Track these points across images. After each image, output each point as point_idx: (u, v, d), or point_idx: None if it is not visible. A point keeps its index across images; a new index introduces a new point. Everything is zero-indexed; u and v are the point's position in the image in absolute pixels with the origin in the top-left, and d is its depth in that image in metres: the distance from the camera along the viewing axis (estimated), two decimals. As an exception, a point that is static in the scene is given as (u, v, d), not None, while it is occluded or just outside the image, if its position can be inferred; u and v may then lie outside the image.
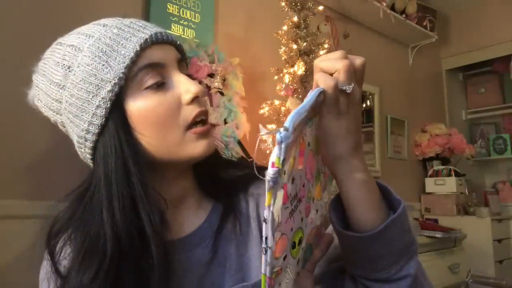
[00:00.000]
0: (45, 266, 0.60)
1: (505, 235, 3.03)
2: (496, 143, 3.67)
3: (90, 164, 0.59)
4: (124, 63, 0.54)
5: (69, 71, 0.56)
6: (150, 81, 0.56)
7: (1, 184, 1.31)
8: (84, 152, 0.59)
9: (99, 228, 0.54)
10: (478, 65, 3.73)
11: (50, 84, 0.58)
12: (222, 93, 1.78)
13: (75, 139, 0.59)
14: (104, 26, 0.57)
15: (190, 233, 0.62)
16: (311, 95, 0.43)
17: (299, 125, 0.39)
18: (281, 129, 0.35)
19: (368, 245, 0.49)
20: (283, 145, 0.35)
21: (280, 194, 0.38)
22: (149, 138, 0.56)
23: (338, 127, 0.48)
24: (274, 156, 0.36)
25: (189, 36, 1.92)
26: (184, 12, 1.92)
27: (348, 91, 0.46)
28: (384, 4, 2.78)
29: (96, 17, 0.63)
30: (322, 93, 0.45)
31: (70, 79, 0.56)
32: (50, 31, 0.72)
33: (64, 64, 0.56)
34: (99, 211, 0.54)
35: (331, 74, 0.47)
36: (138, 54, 0.55)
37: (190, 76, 0.61)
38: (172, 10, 1.87)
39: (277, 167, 0.36)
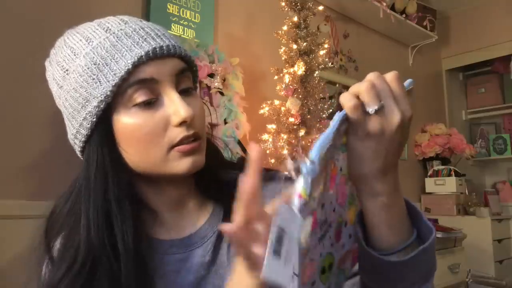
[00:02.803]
0: (43, 269, 0.60)
1: (505, 235, 3.03)
2: (496, 143, 3.67)
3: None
4: (114, 81, 0.53)
5: (67, 74, 0.56)
6: (139, 99, 0.54)
7: (1, 184, 1.31)
8: (75, 150, 0.60)
9: (75, 233, 0.55)
10: (478, 65, 3.73)
11: (53, 79, 0.59)
12: (222, 93, 1.78)
13: (68, 136, 0.61)
14: (106, 30, 0.56)
15: (190, 233, 0.62)
16: (334, 121, 0.42)
17: (326, 153, 0.38)
18: (308, 162, 0.35)
19: (394, 269, 0.48)
20: (309, 179, 0.34)
21: (309, 220, 0.37)
22: (131, 155, 0.56)
23: (363, 148, 0.45)
24: (300, 187, 0.35)
25: (189, 36, 1.92)
26: (184, 12, 1.92)
27: (371, 112, 0.43)
28: (384, 4, 2.78)
29: (95, 17, 0.63)
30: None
31: (67, 82, 0.56)
32: (50, 31, 0.73)
33: (63, 66, 0.57)
34: (79, 216, 0.55)
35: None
36: (130, 72, 0.53)
37: (189, 90, 0.59)
38: (172, 10, 1.87)
39: (304, 199, 0.35)
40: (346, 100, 0.44)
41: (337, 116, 0.43)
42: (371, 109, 0.43)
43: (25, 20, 1.43)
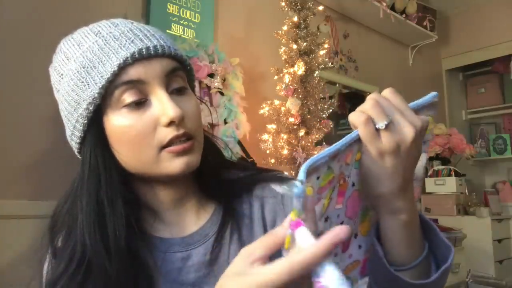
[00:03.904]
0: (46, 267, 0.61)
1: (505, 235, 3.03)
2: (496, 143, 3.67)
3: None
4: (101, 83, 0.54)
5: (61, 78, 0.57)
6: (128, 100, 0.55)
7: (1, 184, 1.31)
8: (74, 150, 0.61)
9: (73, 233, 0.56)
10: (478, 65, 3.74)
11: (53, 83, 0.61)
12: (222, 93, 1.78)
13: (66, 137, 0.62)
14: (96, 34, 0.57)
15: (192, 232, 0.62)
16: (344, 139, 0.42)
17: (322, 169, 0.39)
18: (297, 183, 0.35)
19: None
20: (301, 200, 0.35)
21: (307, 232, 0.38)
22: (124, 156, 0.57)
23: (381, 167, 0.44)
24: (292, 209, 0.36)
25: (189, 36, 1.92)
26: (184, 12, 1.92)
27: (381, 127, 0.43)
28: (384, 4, 2.78)
29: (95, 17, 0.63)
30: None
31: (62, 86, 0.58)
32: (51, 31, 0.73)
33: (58, 71, 0.58)
34: (76, 216, 0.56)
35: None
36: (116, 74, 0.54)
37: (182, 90, 0.59)
38: (172, 10, 1.88)
39: (294, 221, 0.36)
40: (356, 116, 0.44)
41: (349, 136, 0.42)
42: (381, 124, 0.43)
43: (25, 20, 1.43)
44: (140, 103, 0.55)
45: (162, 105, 0.55)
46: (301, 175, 0.36)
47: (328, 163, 0.39)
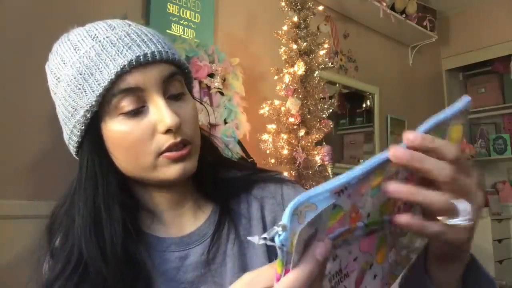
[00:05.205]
0: (45, 268, 0.61)
1: (505, 235, 3.03)
2: (496, 143, 3.67)
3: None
4: (98, 91, 0.53)
5: (58, 82, 0.57)
6: (126, 107, 0.54)
7: (1, 184, 1.31)
8: (71, 152, 0.61)
9: (71, 234, 0.56)
10: (478, 65, 3.74)
11: (50, 84, 0.60)
12: (222, 93, 1.78)
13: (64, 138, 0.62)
14: (93, 38, 0.56)
15: (190, 232, 0.63)
16: (353, 171, 0.34)
17: (335, 209, 0.34)
18: (279, 229, 0.29)
19: None
20: (284, 249, 0.30)
21: None
22: (122, 161, 0.57)
23: (450, 271, 0.46)
24: (278, 261, 0.32)
25: (189, 36, 1.92)
26: (184, 12, 1.92)
27: (467, 223, 0.37)
28: (384, 4, 2.78)
29: (96, 17, 0.63)
30: (388, 162, 0.38)
31: (58, 90, 0.57)
32: (50, 31, 0.73)
33: (55, 74, 0.58)
34: (74, 218, 0.56)
35: None
36: (114, 82, 0.53)
37: (179, 95, 0.58)
38: (172, 10, 1.87)
39: (279, 274, 0.33)
40: (436, 198, 0.37)
41: (363, 167, 0.35)
42: (464, 220, 0.37)
43: (25, 20, 1.43)
44: (137, 111, 0.55)
45: (160, 112, 0.54)
46: (285, 218, 0.30)
47: (334, 202, 0.33)
